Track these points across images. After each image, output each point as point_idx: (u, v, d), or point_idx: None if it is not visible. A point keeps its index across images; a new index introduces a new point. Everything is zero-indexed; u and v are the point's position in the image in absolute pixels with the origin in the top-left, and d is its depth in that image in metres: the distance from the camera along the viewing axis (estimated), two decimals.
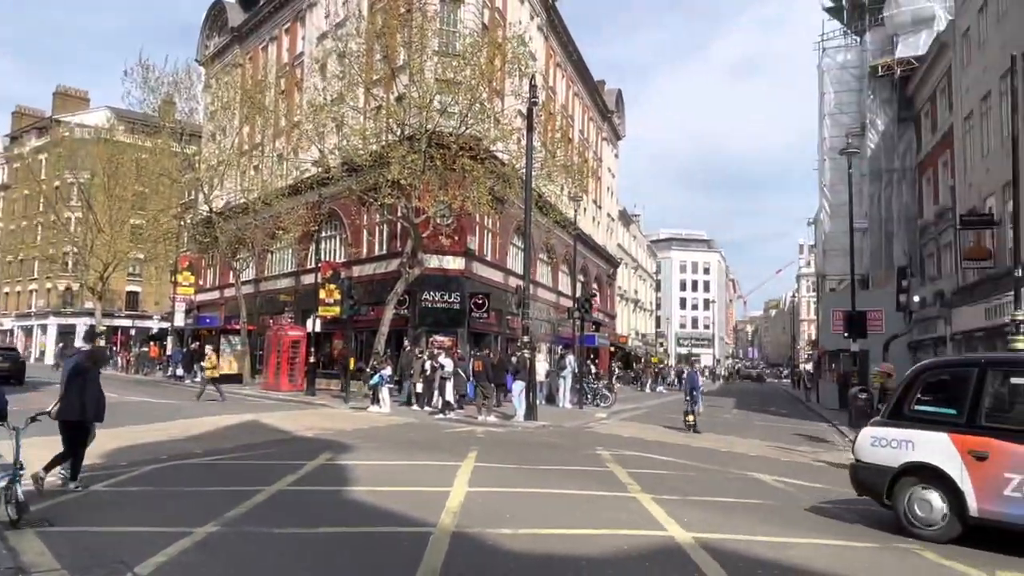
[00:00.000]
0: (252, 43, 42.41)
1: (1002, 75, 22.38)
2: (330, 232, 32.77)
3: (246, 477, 10.10)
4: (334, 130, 26.66)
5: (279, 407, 21.58)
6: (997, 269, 22.19)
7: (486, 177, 22.86)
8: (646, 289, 74.51)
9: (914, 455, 7.62)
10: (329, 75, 28.34)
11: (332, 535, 7.02)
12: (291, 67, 37.89)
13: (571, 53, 42.59)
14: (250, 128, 36.11)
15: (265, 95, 33.48)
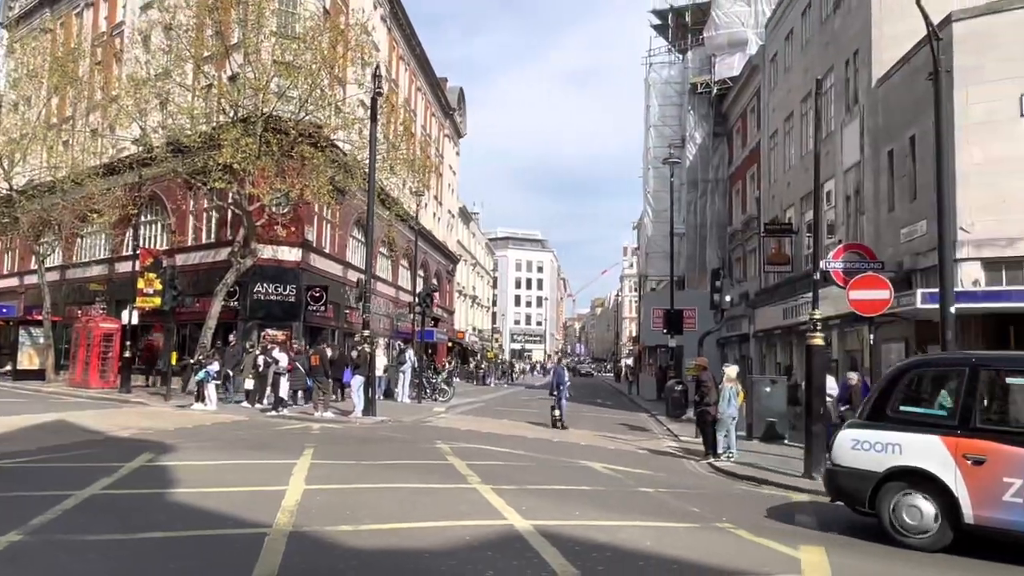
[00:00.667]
0: (64, 7, 38.48)
1: (803, 98, 25.00)
2: (151, 217, 30.51)
3: (53, 481, 9.25)
4: (158, 107, 24.89)
5: (89, 405, 19.85)
6: (794, 273, 24.75)
7: (327, 166, 22.25)
8: (483, 286, 75.73)
9: (901, 459, 7.23)
10: (154, 48, 26.37)
11: (156, 541, 6.58)
12: (109, 36, 34.79)
13: (414, 47, 42.37)
14: (60, 100, 32.73)
15: (78, 65, 30.46)
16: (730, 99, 34.58)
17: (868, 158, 19.68)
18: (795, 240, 24.95)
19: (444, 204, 51.73)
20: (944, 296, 11.06)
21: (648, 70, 39.22)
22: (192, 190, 26.18)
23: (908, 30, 16.97)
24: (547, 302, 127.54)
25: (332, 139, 24.12)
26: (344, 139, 24.35)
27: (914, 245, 16.63)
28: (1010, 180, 14.16)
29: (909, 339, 17.01)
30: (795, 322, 23.80)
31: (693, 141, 36.17)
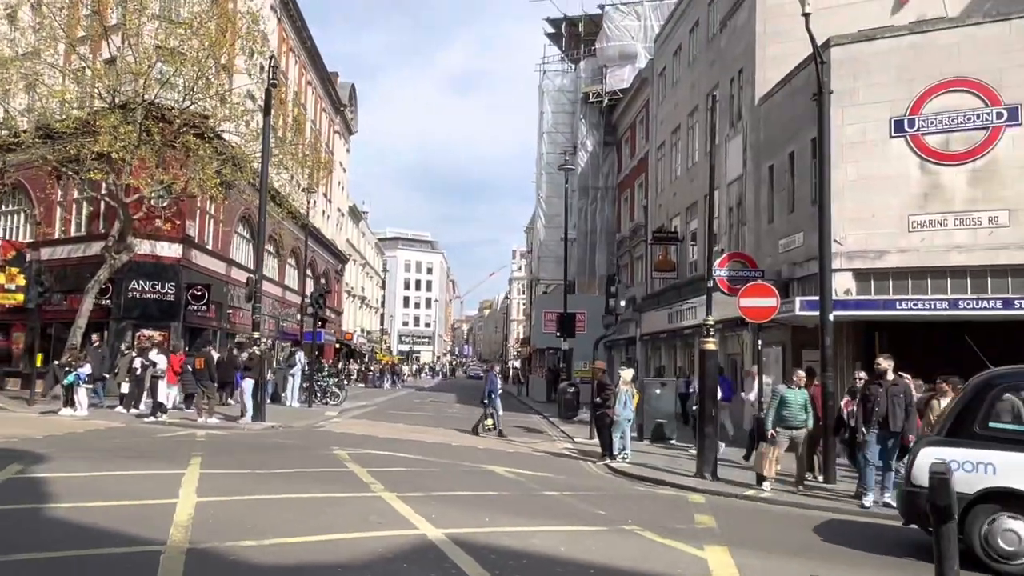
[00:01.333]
0: None
1: (690, 112, 26.14)
2: (13, 206, 28.01)
3: None
4: (24, 89, 22.93)
5: None
6: (679, 280, 25.83)
7: (213, 158, 21.19)
8: (373, 287, 74.43)
9: (995, 480, 6.77)
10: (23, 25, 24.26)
11: (34, 562, 6.01)
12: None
13: (305, 40, 41.07)
14: None
15: None
16: (620, 110, 35.67)
17: (750, 172, 20.80)
18: (680, 248, 26.03)
19: (334, 202, 50.47)
20: (824, 304, 11.83)
21: (542, 77, 39.86)
22: (61, 179, 24.26)
23: (790, 52, 18.10)
24: (436, 304, 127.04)
25: (219, 130, 23.02)
26: (232, 131, 23.31)
27: (792, 255, 17.72)
28: (879, 196, 15.35)
29: (786, 343, 18.11)
30: (680, 326, 24.84)
31: (584, 149, 37.06)
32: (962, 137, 14.87)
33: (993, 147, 14.58)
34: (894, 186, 15.34)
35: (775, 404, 11.20)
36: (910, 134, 15.27)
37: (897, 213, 15.29)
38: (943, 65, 15.09)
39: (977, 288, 14.59)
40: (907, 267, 15.21)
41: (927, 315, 14.69)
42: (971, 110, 14.77)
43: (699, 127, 25.16)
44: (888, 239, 15.32)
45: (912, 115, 15.26)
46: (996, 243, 14.44)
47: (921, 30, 15.91)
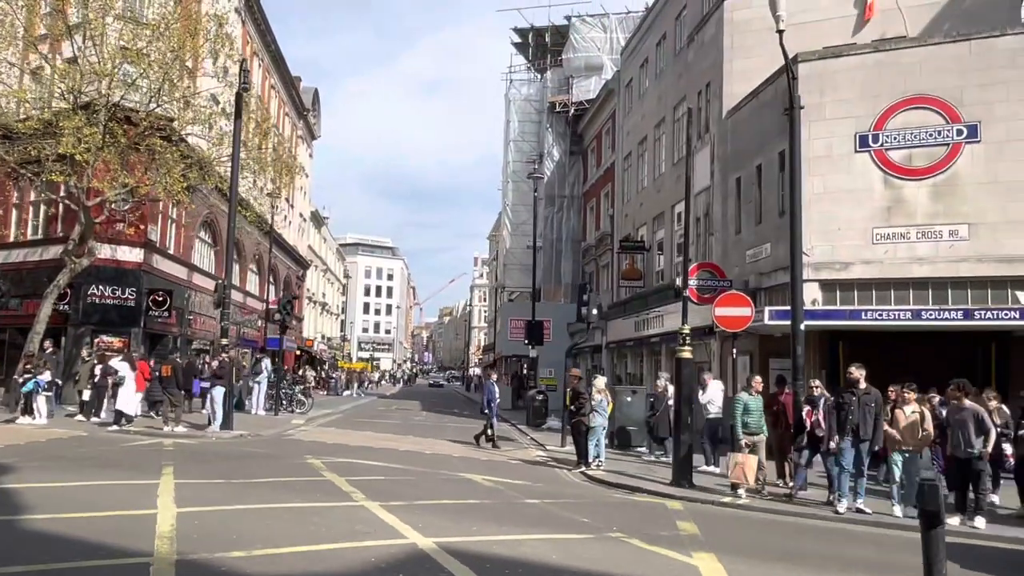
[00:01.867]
0: None
1: (656, 123, 26.52)
2: None
3: None
4: None
5: None
6: (646, 288, 26.15)
7: (178, 162, 20.80)
8: (333, 292, 73.65)
9: None
10: None
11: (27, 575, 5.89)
12: None
13: (268, 43, 40.61)
14: None
15: None
16: (586, 120, 36.01)
17: (717, 183, 21.19)
18: (647, 257, 26.35)
19: (296, 207, 49.86)
20: (796, 313, 12.10)
21: (509, 86, 40.05)
22: (19, 181, 23.54)
23: (756, 67, 18.53)
24: (397, 310, 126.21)
25: (184, 134, 22.62)
26: (197, 134, 22.92)
27: (759, 265, 18.08)
28: (845, 209, 15.77)
29: (753, 352, 18.45)
30: (647, 334, 25.12)
31: (551, 158, 37.30)
32: (924, 153, 15.36)
33: (953, 163, 15.10)
34: (858, 200, 15.78)
35: (739, 412, 11.43)
36: (874, 149, 15.73)
37: (862, 226, 15.72)
38: (906, 82, 15.59)
39: (938, 299, 15.07)
40: (871, 278, 15.65)
41: (891, 325, 15.12)
42: (932, 127, 15.29)
43: (666, 138, 25.54)
44: (853, 251, 15.74)
45: (876, 130, 15.73)
46: (956, 256, 14.95)
47: (885, 48, 16.42)
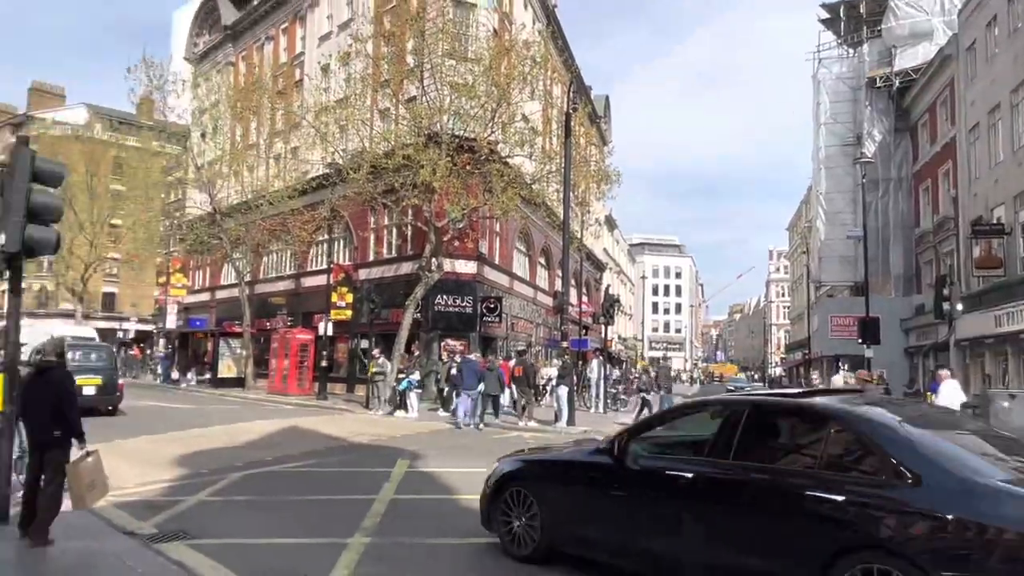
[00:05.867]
0: (246, 41, 41.66)
1: (1014, 88, 23.06)
2: (336, 234, 32.26)
3: (342, 485, 9.93)
4: (338, 132, 26.33)
5: (303, 412, 21.23)
6: (1008, 278, 22.81)
7: (510, 183, 22.75)
8: (626, 293, 75.04)
9: None
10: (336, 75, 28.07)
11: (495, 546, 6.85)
12: (290, 67, 37.32)
13: (567, 59, 42.73)
14: (244, 128, 35.51)
15: (261, 94, 32.90)
16: (914, 92, 32.44)
17: None
18: (1007, 241, 23.02)
19: (592, 212, 51.74)
20: None
21: (817, 66, 37.50)
22: (373, 208, 27.49)
23: None
24: (687, 309, 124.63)
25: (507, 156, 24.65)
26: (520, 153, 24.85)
27: None
28: None
29: None
30: (1012, 330, 21.94)
31: (871, 138, 34.18)
32: None
33: None
34: None
35: None
36: None
37: None
38: None
39: None
40: None
41: None
42: None
43: None
44: None
45: None
46: None
47: None
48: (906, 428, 4.83)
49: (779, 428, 5.76)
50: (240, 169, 34.40)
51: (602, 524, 5.89)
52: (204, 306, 42.60)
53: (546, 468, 6.66)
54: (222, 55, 43.26)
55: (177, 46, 54.60)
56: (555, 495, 6.30)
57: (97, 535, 6.84)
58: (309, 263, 34.03)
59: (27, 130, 52.59)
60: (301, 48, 37.22)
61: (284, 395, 27.20)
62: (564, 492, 6.28)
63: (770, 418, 5.75)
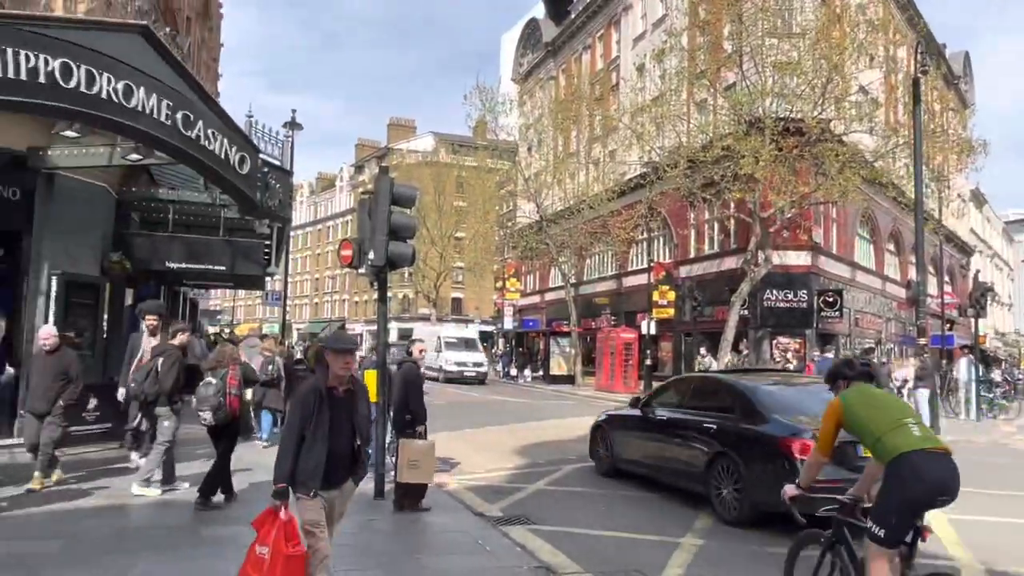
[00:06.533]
0: (565, 55, 43.87)
1: None
2: (655, 232, 32.42)
3: None
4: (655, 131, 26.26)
5: None
6: None
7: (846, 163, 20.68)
8: (1003, 280, 63.80)
9: None
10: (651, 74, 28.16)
11: None
12: (607, 72, 38.40)
13: (911, 17, 37.69)
14: (565, 138, 37.33)
15: (581, 103, 34.26)
16: None
17: None
18: None
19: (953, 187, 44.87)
20: None
21: None
22: (694, 204, 26.95)
23: None
24: None
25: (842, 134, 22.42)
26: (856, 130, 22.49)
27: None
28: None
29: None
30: None
31: None
32: None
33: None
34: None
35: None
36: None
37: None
38: None
39: None
40: None
41: None
42: None
43: None
44: None
45: None
46: None
47: None
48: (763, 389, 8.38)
49: (707, 391, 9.28)
50: (562, 177, 36.29)
51: (633, 447, 9.75)
52: (535, 308, 45.69)
53: (612, 418, 10.55)
54: (544, 71, 46.05)
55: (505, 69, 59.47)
56: (615, 433, 10.16)
57: (452, 513, 7.57)
58: (629, 263, 34.59)
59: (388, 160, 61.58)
60: (616, 52, 38.07)
61: (611, 392, 27.90)
62: (619, 431, 10.13)
63: (706, 385, 9.72)
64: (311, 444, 4.20)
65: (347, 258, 8.04)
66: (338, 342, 4.49)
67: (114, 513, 7.00)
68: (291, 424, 4.29)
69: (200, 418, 7.21)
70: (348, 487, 4.51)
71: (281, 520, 4.07)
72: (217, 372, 7.29)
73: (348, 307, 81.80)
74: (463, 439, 13.25)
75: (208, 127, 9.14)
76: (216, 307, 69.98)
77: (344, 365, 4.35)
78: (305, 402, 4.26)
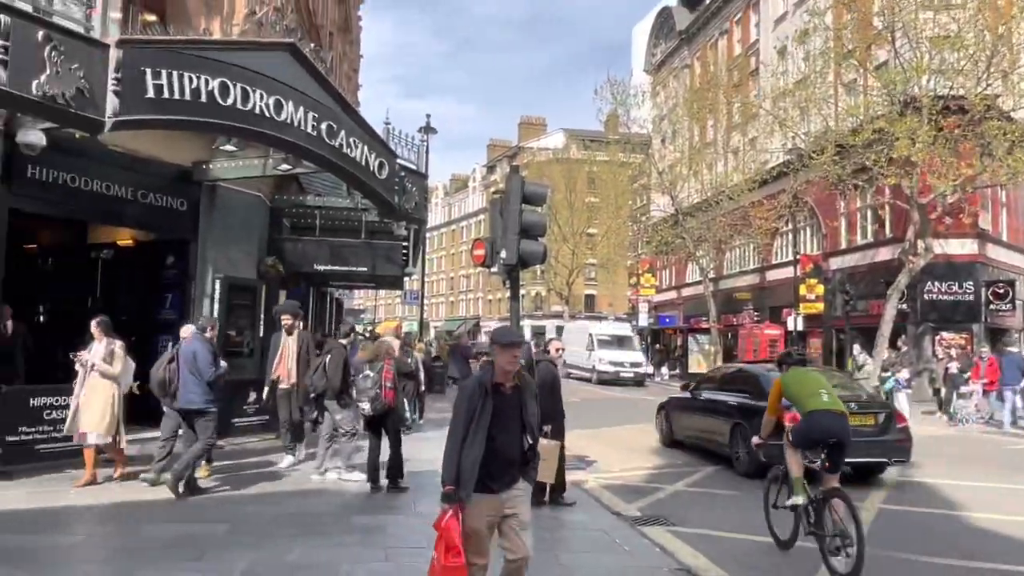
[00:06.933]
0: (700, 42, 42.63)
1: None
2: (801, 223, 30.80)
3: None
4: (799, 116, 24.95)
5: None
6: None
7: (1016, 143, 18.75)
8: None
9: None
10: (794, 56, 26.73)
11: None
12: (745, 57, 36.91)
13: None
14: (701, 127, 36.21)
15: (718, 90, 33.14)
16: None
17: None
18: None
19: None
20: None
21: None
22: (843, 192, 25.38)
23: None
24: None
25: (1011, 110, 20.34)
26: None
27: None
28: None
29: None
30: None
31: None
32: None
33: None
34: None
35: None
36: None
37: None
38: None
39: None
40: None
41: None
42: None
43: None
44: None
45: None
46: None
47: None
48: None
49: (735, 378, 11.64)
50: (699, 168, 35.25)
51: (684, 422, 12.22)
52: (671, 304, 44.71)
53: (670, 400, 13.26)
54: (678, 60, 44.98)
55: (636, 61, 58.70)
56: (672, 412, 12.70)
57: (590, 511, 7.54)
58: (773, 255, 33.09)
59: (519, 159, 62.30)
60: (756, 35, 36.54)
61: None
62: (675, 410, 12.64)
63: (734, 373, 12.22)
64: (470, 443, 3.90)
65: (479, 257, 8.20)
66: (504, 336, 4.16)
67: (272, 500, 7.49)
68: (456, 422, 3.99)
69: (359, 408, 7.81)
70: (522, 489, 4.11)
71: (441, 526, 3.79)
72: (374, 365, 7.80)
73: (483, 305, 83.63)
74: (599, 438, 13.16)
75: (350, 136, 9.60)
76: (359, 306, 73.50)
77: (511, 360, 4.00)
78: (471, 398, 3.97)
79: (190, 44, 8.06)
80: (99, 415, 7.50)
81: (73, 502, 7.05)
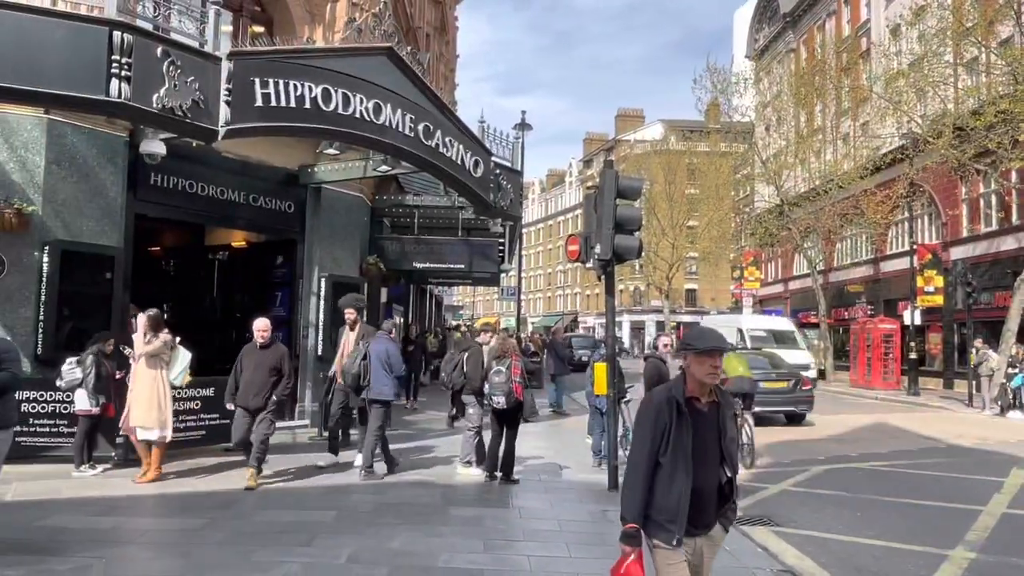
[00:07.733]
0: (806, 24, 40.84)
1: None
2: (918, 211, 29.01)
3: (937, 491, 8.80)
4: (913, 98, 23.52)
5: (889, 407, 19.70)
6: None
7: None
8: None
9: None
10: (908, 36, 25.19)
11: None
12: (855, 39, 35.09)
13: None
14: (808, 113, 34.65)
15: (824, 76, 31.66)
16: None
17: None
18: None
19: None
20: None
21: None
22: (965, 177, 23.76)
23: None
24: None
25: None
26: None
27: None
28: None
29: None
30: None
31: None
32: None
33: None
34: None
35: None
36: None
37: None
38: None
39: None
40: None
41: None
42: None
43: None
44: None
45: None
46: None
47: None
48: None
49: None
50: (806, 156, 33.79)
51: None
52: (778, 297, 43.10)
53: None
54: (782, 44, 43.26)
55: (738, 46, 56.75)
56: None
57: None
58: (888, 246, 31.32)
59: (616, 152, 61.57)
60: (866, 15, 34.64)
61: (867, 388, 25.59)
62: None
63: None
64: (671, 472, 3.09)
65: (574, 252, 8.18)
66: (701, 339, 3.26)
67: (375, 490, 7.77)
68: (641, 444, 3.17)
69: (493, 402, 8.15)
70: (717, 533, 3.29)
71: (619, 573, 3.01)
72: (503, 361, 8.10)
73: (580, 300, 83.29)
74: None
75: (446, 136, 9.79)
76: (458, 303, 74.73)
77: (711, 371, 3.16)
78: (659, 415, 3.14)
79: (294, 53, 8.43)
80: (145, 407, 7.61)
81: (194, 488, 7.55)
